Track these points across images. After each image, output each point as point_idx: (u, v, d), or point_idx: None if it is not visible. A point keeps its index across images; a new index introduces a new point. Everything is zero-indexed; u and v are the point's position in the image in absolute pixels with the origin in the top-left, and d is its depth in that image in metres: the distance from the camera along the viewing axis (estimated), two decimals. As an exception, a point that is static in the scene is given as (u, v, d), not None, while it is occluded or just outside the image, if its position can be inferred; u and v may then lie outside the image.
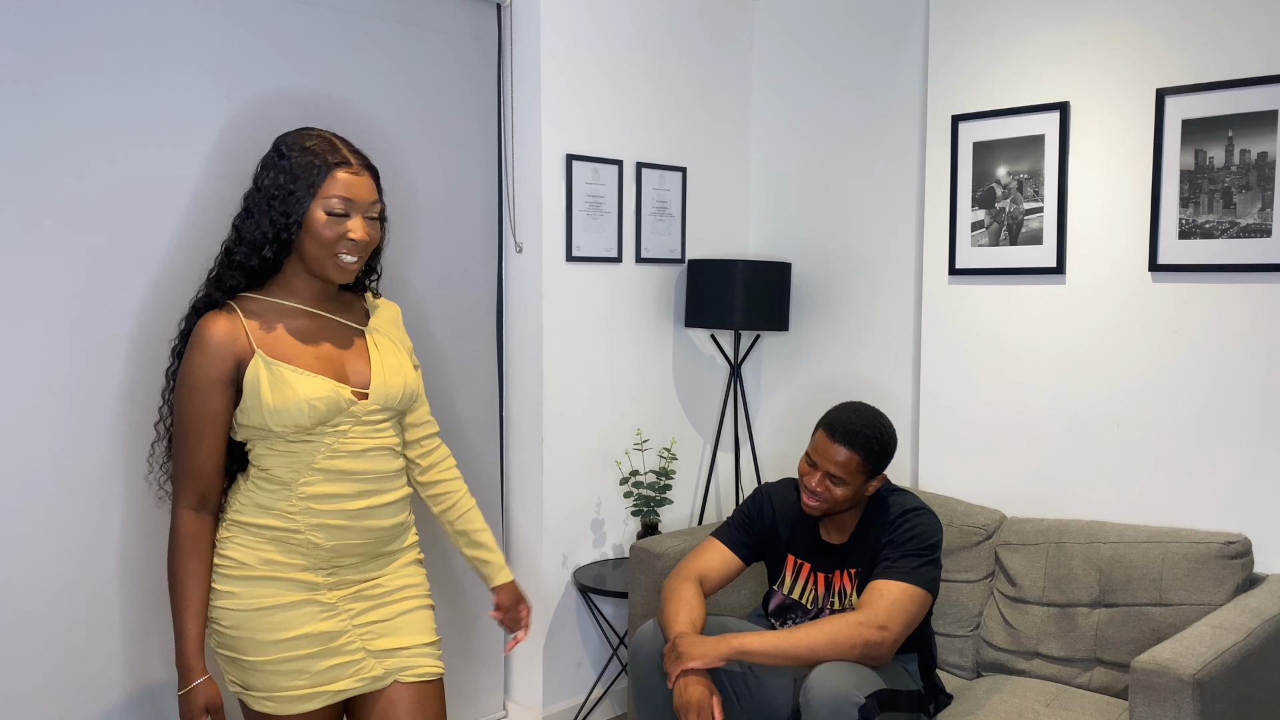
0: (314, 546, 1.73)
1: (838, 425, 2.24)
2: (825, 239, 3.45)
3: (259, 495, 1.73)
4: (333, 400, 1.71)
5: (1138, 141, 2.69)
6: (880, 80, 3.28)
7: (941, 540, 2.24)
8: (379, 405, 1.78)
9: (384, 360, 1.83)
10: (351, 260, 1.74)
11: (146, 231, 2.32)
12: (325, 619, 1.74)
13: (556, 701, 3.12)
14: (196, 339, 1.70)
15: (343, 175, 1.72)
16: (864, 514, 2.32)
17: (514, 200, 3.07)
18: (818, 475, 2.25)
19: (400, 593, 1.85)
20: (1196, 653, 2.00)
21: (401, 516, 1.85)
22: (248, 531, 1.73)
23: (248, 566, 1.72)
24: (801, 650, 2.09)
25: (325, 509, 1.73)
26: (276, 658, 1.71)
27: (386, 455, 1.81)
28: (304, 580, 1.73)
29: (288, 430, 1.70)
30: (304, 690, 1.72)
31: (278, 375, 1.69)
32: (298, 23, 2.55)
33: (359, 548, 1.78)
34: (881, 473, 2.28)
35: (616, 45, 3.15)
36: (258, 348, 1.71)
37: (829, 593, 2.34)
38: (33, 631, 2.19)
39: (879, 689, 2.04)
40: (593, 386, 3.17)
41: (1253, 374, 2.53)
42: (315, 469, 1.73)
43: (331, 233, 1.70)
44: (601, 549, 3.24)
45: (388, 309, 1.94)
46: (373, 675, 1.78)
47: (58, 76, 2.18)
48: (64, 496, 2.23)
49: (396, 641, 1.81)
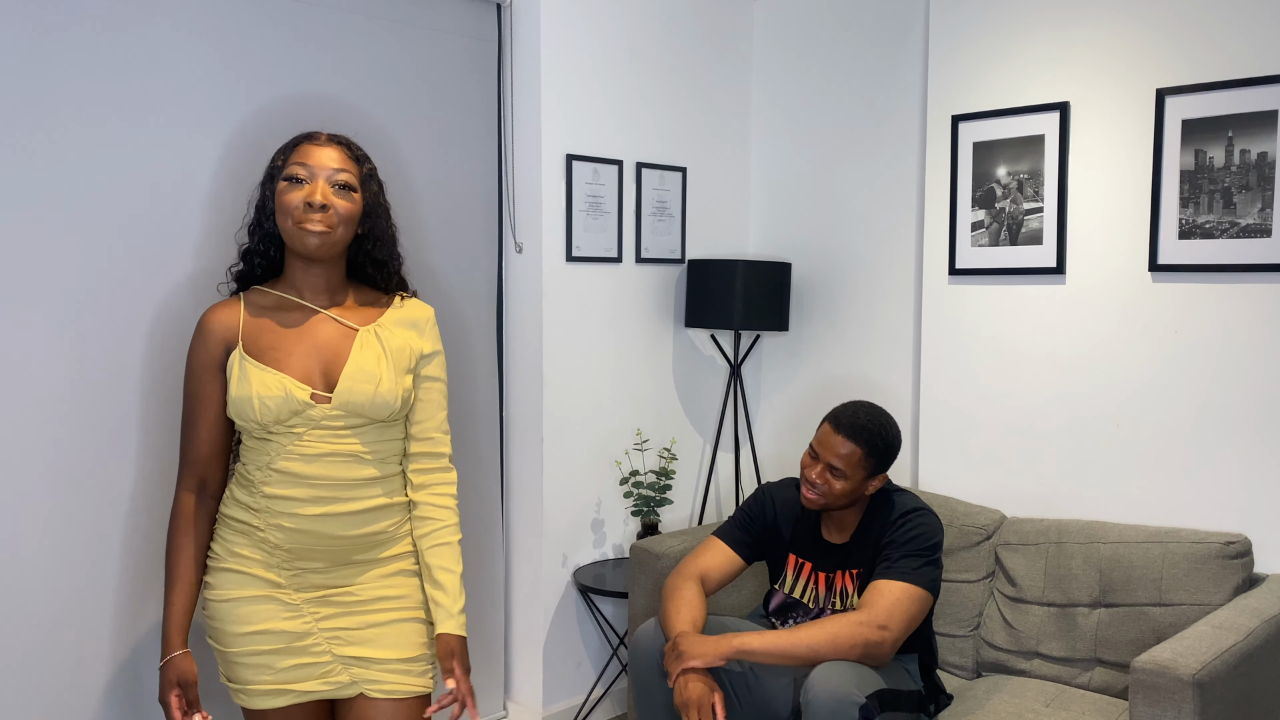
0: (273, 546, 1.74)
1: (843, 418, 2.25)
2: (825, 239, 3.45)
3: (237, 490, 1.77)
4: (282, 400, 1.69)
5: (1137, 141, 2.69)
6: (880, 80, 3.28)
7: (942, 541, 2.24)
8: (340, 410, 1.73)
9: (360, 364, 1.75)
10: (317, 228, 1.70)
11: (149, 232, 2.32)
12: (288, 619, 1.75)
13: (556, 701, 3.12)
14: (197, 327, 1.76)
15: (304, 145, 1.73)
16: (865, 514, 2.32)
17: (514, 200, 3.07)
18: (819, 467, 2.25)
19: (377, 604, 1.79)
20: (1196, 653, 2.00)
21: (375, 526, 1.78)
22: (225, 524, 1.78)
23: (220, 558, 1.76)
24: (802, 650, 2.09)
25: (281, 510, 1.73)
26: (242, 650, 1.74)
27: (348, 462, 1.74)
28: (266, 577, 1.75)
29: (248, 425, 1.72)
30: (269, 686, 1.74)
31: (244, 369, 1.71)
32: (298, 22, 2.55)
33: (319, 553, 1.75)
34: (883, 472, 2.28)
35: (616, 45, 3.15)
36: (241, 339, 1.74)
37: (830, 593, 2.34)
38: (30, 633, 2.19)
39: (879, 689, 2.04)
40: (593, 386, 3.17)
41: (1253, 374, 2.53)
42: (273, 469, 1.73)
43: (291, 199, 1.70)
44: (601, 549, 3.24)
45: (412, 310, 1.87)
46: (339, 681, 1.76)
47: (59, 79, 2.18)
48: (71, 497, 2.23)
49: (366, 652, 1.77)
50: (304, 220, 1.70)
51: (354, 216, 1.75)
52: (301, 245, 1.72)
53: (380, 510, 1.79)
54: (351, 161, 1.76)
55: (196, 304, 2.41)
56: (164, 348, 2.36)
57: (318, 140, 1.74)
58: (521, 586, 3.12)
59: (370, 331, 1.80)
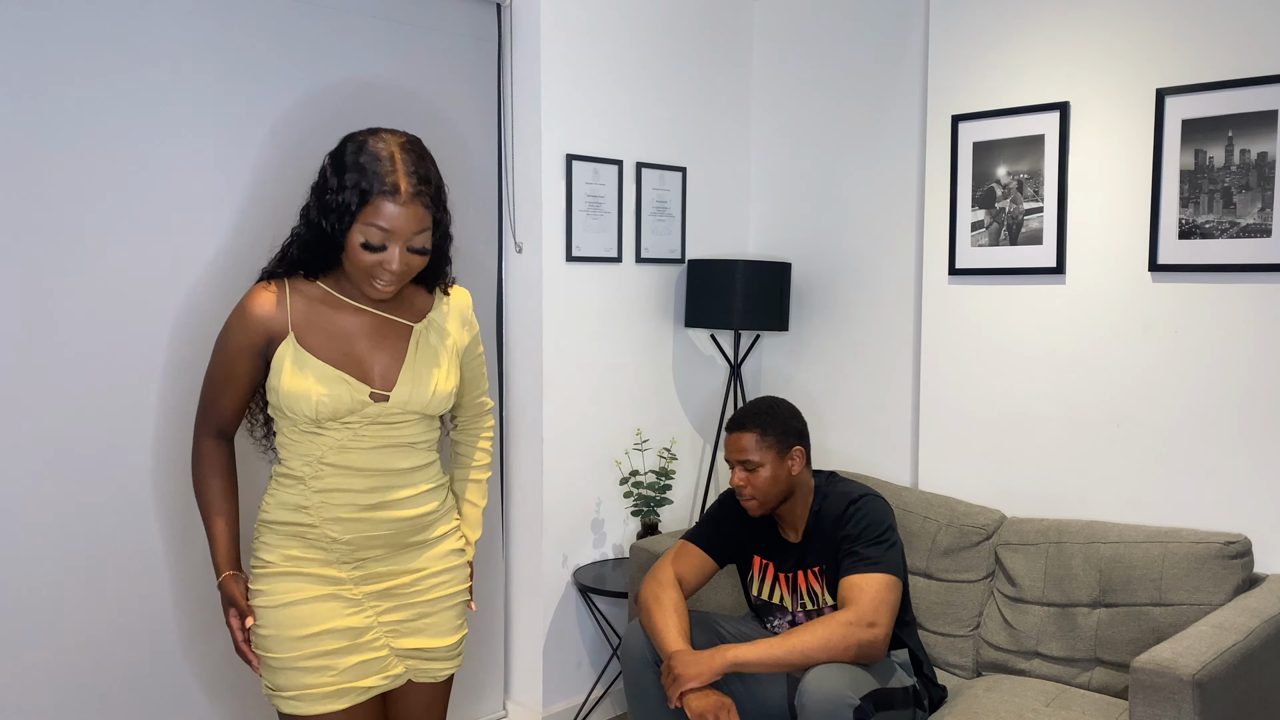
0: (331, 540, 1.72)
1: (730, 421, 2.39)
2: (825, 239, 3.45)
3: (281, 494, 1.75)
4: (343, 400, 1.69)
5: (1138, 141, 2.69)
6: (880, 80, 3.28)
7: (894, 520, 2.30)
8: (399, 409, 1.75)
9: (418, 366, 1.77)
10: (387, 288, 1.70)
11: (150, 232, 2.32)
12: (351, 614, 1.74)
13: (556, 701, 3.12)
14: (241, 304, 1.72)
15: (387, 206, 1.62)
16: (813, 510, 2.36)
17: (514, 200, 3.07)
18: (737, 471, 2.34)
19: (428, 584, 1.82)
20: (1196, 653, 2.00)
21: (429, 506, 1.82)
22: (272, 531, 1.75)
23: (273, 565, 1.73)
24: (795, 657, 2.11)
25: (338, 503, 1.72)
26: (303, 653, 1.70)
27: (403, 452, 1.77)
28: (326, 575, 1.73)
29: (298, 418, 1.70)
30: (330, 688, 1.72)
31: (300, 360, 1.69)
32: (298, 22, 2.55)
33: (379, 539, 1.76)
34: (795, 448, 2.33)
35: (617, 45, 3.15)
36: (293, 330, 1.71)
37: (795, 594, 2.38)
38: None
39: (873, 689, 2.06)
40: (593, 386, 3.17)
41: (1253, 374, 2.53)
42: (325, 463, 1.71)
43: (365, 258, 1.66)
44: (601, 549, 3.24)
45: (456, 299, 1.90)
46: (395, 673, 1.79)
47: (63, 87, 2.18)
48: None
49: (420, 642, 1.81)
50: (375, 279, 1.68)
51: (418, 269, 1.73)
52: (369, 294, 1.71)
53: (430, 492, 1.83)
54: (429, 213, 1.68)
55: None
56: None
57: (398, 196, 1.63)
58: (521, 586, 3.12)
59: (425, 327, 1.81)
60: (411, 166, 1.66)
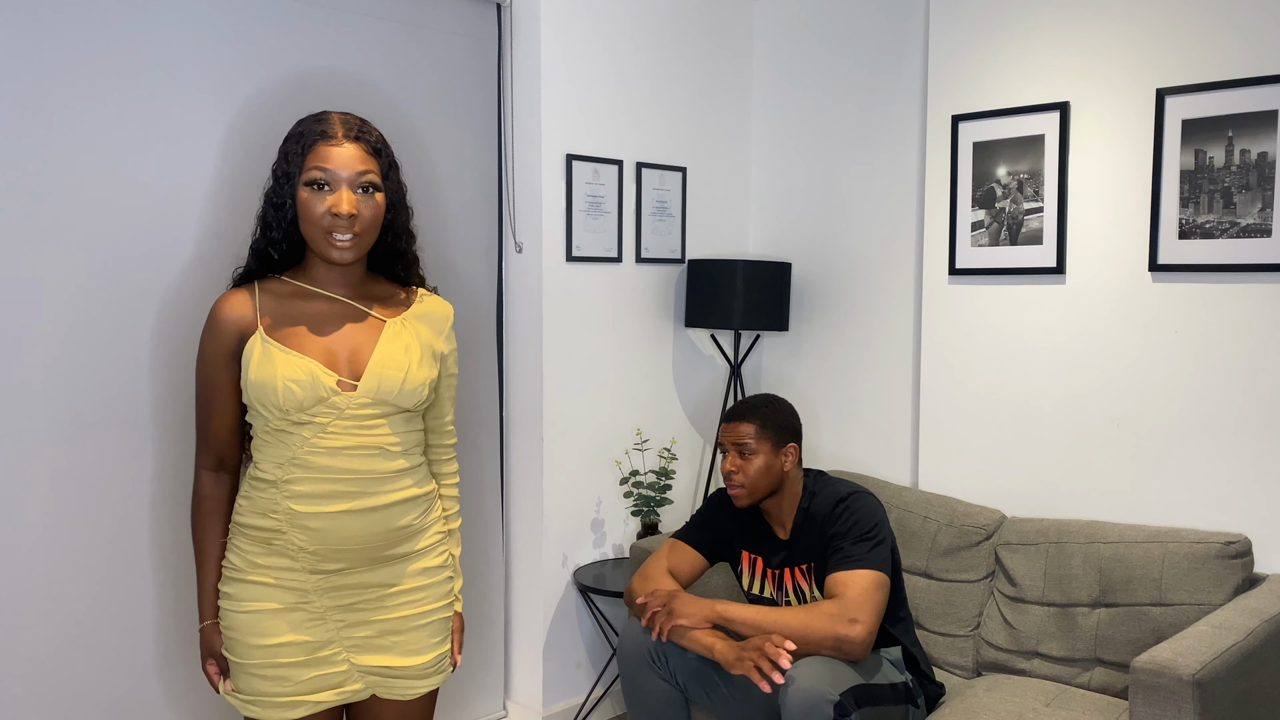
0: (298, 549, 1.67)
1: (731, 410, 2.40)
2: (825, 239, 3.45)
3: (254, 496, 1.70)
4: (308, 384, 1.64)
5: (1138, 141, 2.69)
6: (880, 80, 3.28)
7: (884, 516, 2.29)
8: (368, 398, 1.69)
9: (389, 351, 1.73)
10: (345, 238, 1.67)
11: (151, 233, 2.32)
12: (312, 626, 1.69)
13: (556, 701, 3.12)
14: (211, 311, 1.72)
15: (322, 147, 1.66)
16: (801, 507, 2.37)
17: (514, 200, 3.07)
18: (731, 455, 2.35)
19: (403, 599, 1.76)
20: (1196, 653, 2.00)
21: (406, 518, 1.75)
22: (243, 534, 1.72)
23: (240, 570, 1.70)
24: (776, 631, 2.13)
25: (304, 510, 1.66)
26: (261, 661, 1.68)
27: (375, 455, 1.70)
28: (291, 586, 1.68)
29: (271, 413, 1.65)
30: (286, 698, 1.70)
31: (267, 351, 1.66)
32: (298, 22, 2.55)
33: (348, 552, 1.69)
34: (789, 444, 2.35)
35: (616, 45, 3.15)
36: (261, 324, 1.69)
37: (782, 592, 2.38)
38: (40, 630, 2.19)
39: (855, 684, 2.05)
40: (593, 386, 3.17)
41: (1253, 374, 2.53)
42: (295, 464, 1.66)
43: (315, 208, 1.65)
44: (601, 549, 3.24)
45: (435, 308, 1.85)
46: (353, 689, 1.74)
47: (58, 75, 2.18)
48: (79, 496, 2.23)
49: (385, 660, 1.75)
50: (333, 229, 1.66)
51: (379, 218, 1.72)
52: (331, 255, 1.68)
53: (410, 502, 1.76)
54: (372, 157, 1.70)
55: (201, 297, 2.41)
56: (170, 340, 2.36)
57: (334, 139, 1.67)
58: (521, 586, 3.12)
59: (398, 323, 1.77)
60: (347, 119, 1.71)
